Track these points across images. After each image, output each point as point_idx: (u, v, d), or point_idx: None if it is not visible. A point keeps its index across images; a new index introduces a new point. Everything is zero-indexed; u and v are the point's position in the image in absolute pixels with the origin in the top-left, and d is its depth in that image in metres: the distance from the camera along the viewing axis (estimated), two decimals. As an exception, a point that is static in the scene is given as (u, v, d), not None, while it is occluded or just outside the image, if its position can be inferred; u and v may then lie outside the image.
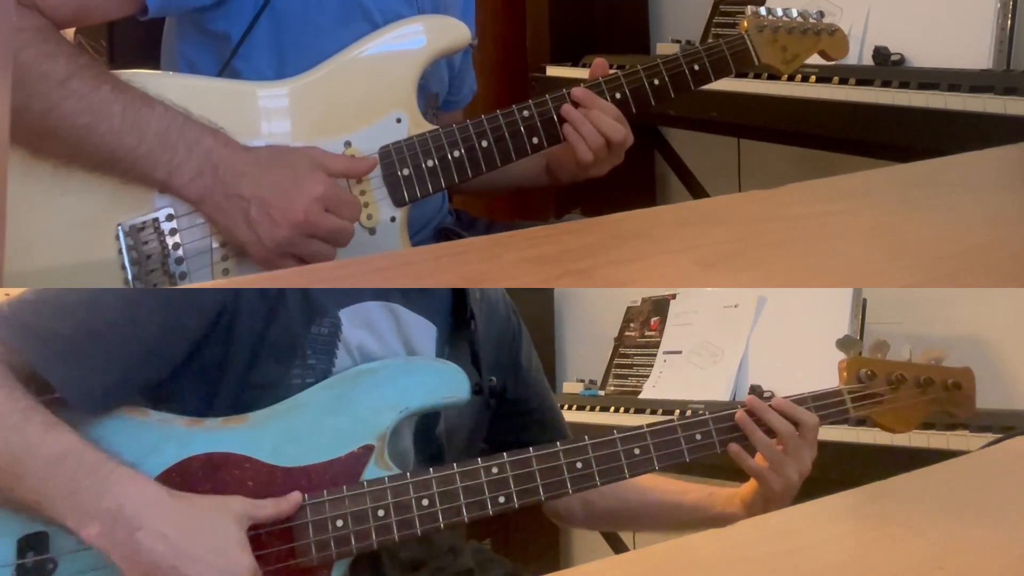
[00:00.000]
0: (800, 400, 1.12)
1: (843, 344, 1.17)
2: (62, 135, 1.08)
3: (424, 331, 1.10)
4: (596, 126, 1.24)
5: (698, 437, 1.07)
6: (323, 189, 1.12)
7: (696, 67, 1.29)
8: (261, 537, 0.92)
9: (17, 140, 1.08)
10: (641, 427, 1.05)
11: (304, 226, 1.11)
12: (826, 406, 1.12)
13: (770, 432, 1.08)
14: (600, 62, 1.29)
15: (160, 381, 0.99)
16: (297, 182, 1.12)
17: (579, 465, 1.01)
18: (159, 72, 1.24)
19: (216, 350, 0.99)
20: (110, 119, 1.08)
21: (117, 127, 1.08)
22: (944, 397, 1.18)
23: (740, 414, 1.08)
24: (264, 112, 1.19)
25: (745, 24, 1.34)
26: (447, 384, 1.02)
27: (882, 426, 1.16)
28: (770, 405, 1.09)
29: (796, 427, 1.08)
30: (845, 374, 1.16)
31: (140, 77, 1.13)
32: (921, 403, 1.17)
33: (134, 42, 1.39)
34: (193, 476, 0.93)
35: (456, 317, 1.15)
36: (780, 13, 1.35)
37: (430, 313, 1.11)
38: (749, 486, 1.15)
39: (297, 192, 1.11)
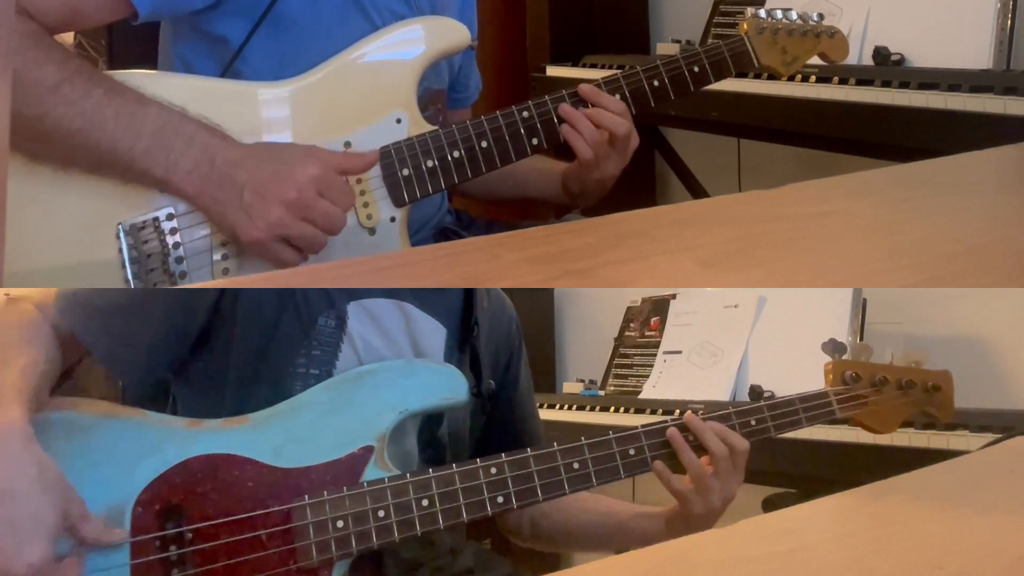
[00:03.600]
0: (788, 402, 1.14)
1: (828, 348, 1.20)
2: (57, 140, 1.08)
3: (433, 331, 1.10)
4: (595, 121, 1.24)
5: (691, 439, 1.07)
6: (318, 171, 1.11)
7: (696, 69, 1.30)
8: (261, 539, 0.92)
9: (13, 145, 1.08)
10: (636, 427, 1.06)
11: (296, 205, 1.10)
12: (814, 407, 1.15)
13: (700, 451, 1.07)
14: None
15: (181, 358, 1.03)
16: (291, 165, 1.11)
17: (576, 465, 1.02)
18: (157, 72, 1.24)
19: (224, 329, 1.01)
20: (103, 124, 1.08)
21: (111, 131, 1.08)
22: (924, 399, 1.22)
23: (672, 431, 1.06)
24: (263, 113, 1.19)
25: (745, 26, 1.34)
26: (446, 385, 1.03)
27: (865, 427, 1.19)
28: (707, 424, 1.07)
29: (730, 451, 1.06)
30: (831, 376, 1.19)
31: (138, 78, 1.13)
32: (902, 404, 1.21)
33: (134, 42, 1.39)
34: (194, 476, 0.92)
35: (463, 322, 1.15)
36: (780, 15, 1.35)
37: (441, 314, 1.11)
38: (673, 506, 1.13)
39: (290, 173, 1.11)
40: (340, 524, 0.93)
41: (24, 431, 0.83)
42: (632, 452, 1.04)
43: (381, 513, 0.94)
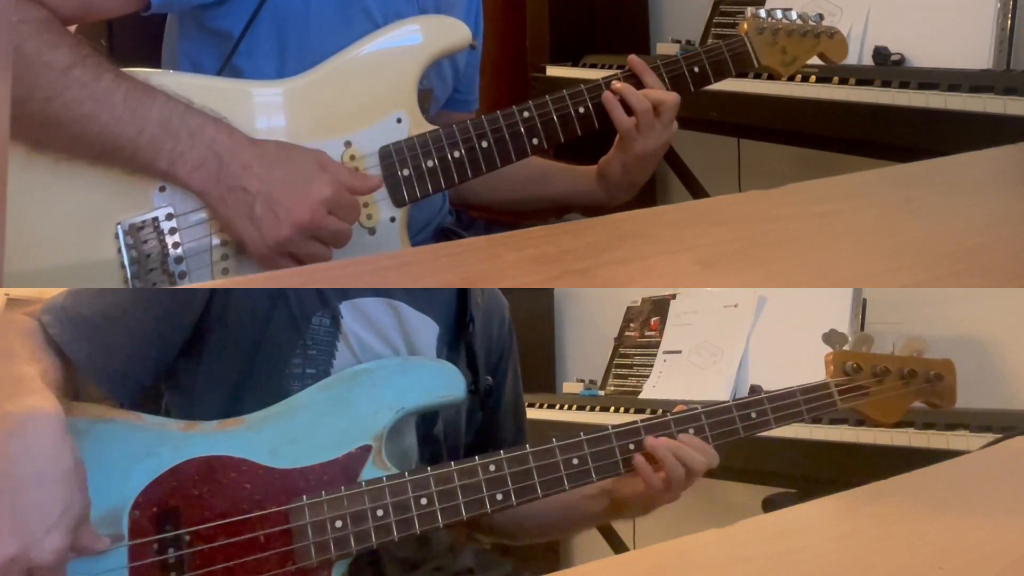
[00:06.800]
0: (789, 393, 1.13)
1: (829, 338, 1.19)
2: (64, 124, 1.08)
3: (426, 329, 1.10)
4: (641, 93, 1.26)
5: (691, 432, 1.07)
6: (330, 192, 1.11)
7: (696, 69, 1.30)
8: (259, 540, 0.92)
9: (20, 131, 1.08)
10: (635, 422, 1.06)
11: (308, 227, 1.11)
12: (815, 398, 1.14)
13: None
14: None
15: (170, 365, 1.02)
16: (306, 182, 1.11)
17: (575, 461, 1.01)
18: (159, 70, 1.24)
19: (215, 332, 1.01)
20: (111, 107, 1.08)
21: (119, 115, 1.08)
22: (927, 388, 1.21)
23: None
24: (264, 111, 1.19)
25: (745, 26, 1.34)
26: (443, 383, 1.02)
27: (869, 417, 1.18)
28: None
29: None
30: (832, 367, 1.18)
31: (140, 74, 1.13)
32: (905, 394, 1.20)
33: (133, 41, 1.39)
34: (190, 479, 0.92)
35: (458, 318, 1.15)
36: (780, 15, 1.36)
37: (433, 312, 1.11)
38: (614, 481, 1.11)
39: (305, 192, 1.10)
40: (338, 524, 0.93)
41: (61, 419, 0.83)
42: (632, 447, 1.04)
43: (380, 512, 0.94)
